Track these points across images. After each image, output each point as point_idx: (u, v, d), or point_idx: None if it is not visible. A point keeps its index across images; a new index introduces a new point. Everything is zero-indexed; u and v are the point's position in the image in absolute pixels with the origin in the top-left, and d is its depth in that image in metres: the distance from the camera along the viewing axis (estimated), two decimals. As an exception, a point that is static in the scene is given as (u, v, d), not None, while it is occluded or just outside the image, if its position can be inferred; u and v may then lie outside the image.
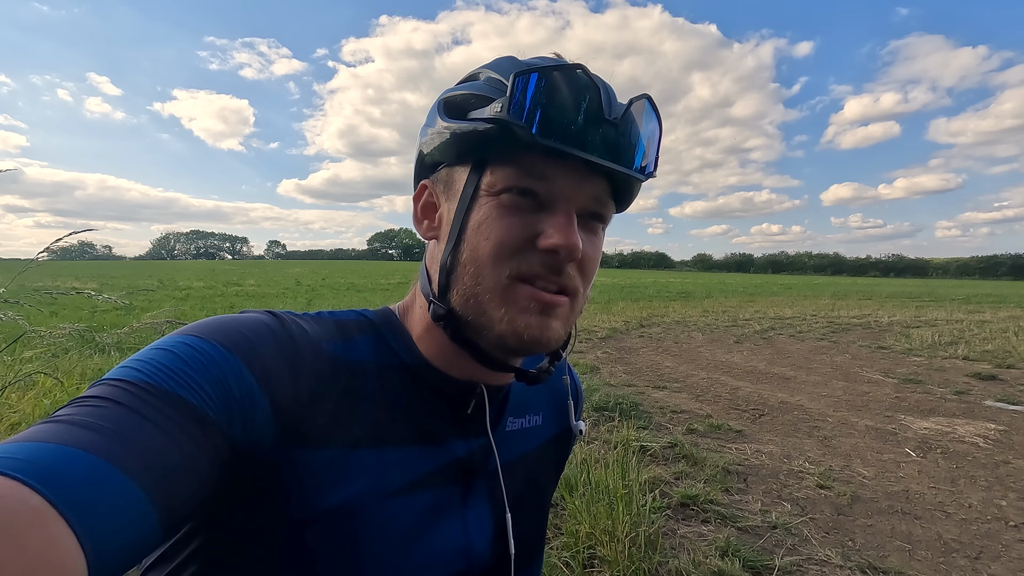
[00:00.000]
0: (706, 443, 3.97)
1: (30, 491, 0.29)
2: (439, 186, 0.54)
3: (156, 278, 28.10)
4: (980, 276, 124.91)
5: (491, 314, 0.48)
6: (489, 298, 0.48)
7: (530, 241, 0.48)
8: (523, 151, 0.47)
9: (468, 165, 0.50)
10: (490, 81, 0.51)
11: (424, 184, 0.56)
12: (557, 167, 0.47)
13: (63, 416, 0.35)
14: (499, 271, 0.48)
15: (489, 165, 0.49)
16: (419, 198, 0.57)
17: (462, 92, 0.51)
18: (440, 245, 0.52)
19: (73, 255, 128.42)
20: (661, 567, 2.30)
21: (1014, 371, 6.76)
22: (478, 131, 0.48)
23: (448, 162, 0.52)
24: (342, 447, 0.47)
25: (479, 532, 0.55)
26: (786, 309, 15.33)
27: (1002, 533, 2.76)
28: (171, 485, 0.35)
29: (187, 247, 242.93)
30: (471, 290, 0.49)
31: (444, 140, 0.51)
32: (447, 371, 0.54)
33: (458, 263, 0.49)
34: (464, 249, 0.49)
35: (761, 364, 7.18)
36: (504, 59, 0.53)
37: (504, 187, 0.48)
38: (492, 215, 0.48)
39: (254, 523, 0.44)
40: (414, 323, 0.56)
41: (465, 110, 0.50)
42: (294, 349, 0.47)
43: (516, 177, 0.48)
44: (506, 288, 0.48)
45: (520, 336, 0.48)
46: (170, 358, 0.41)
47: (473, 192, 0.49)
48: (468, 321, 0.50)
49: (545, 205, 0.48)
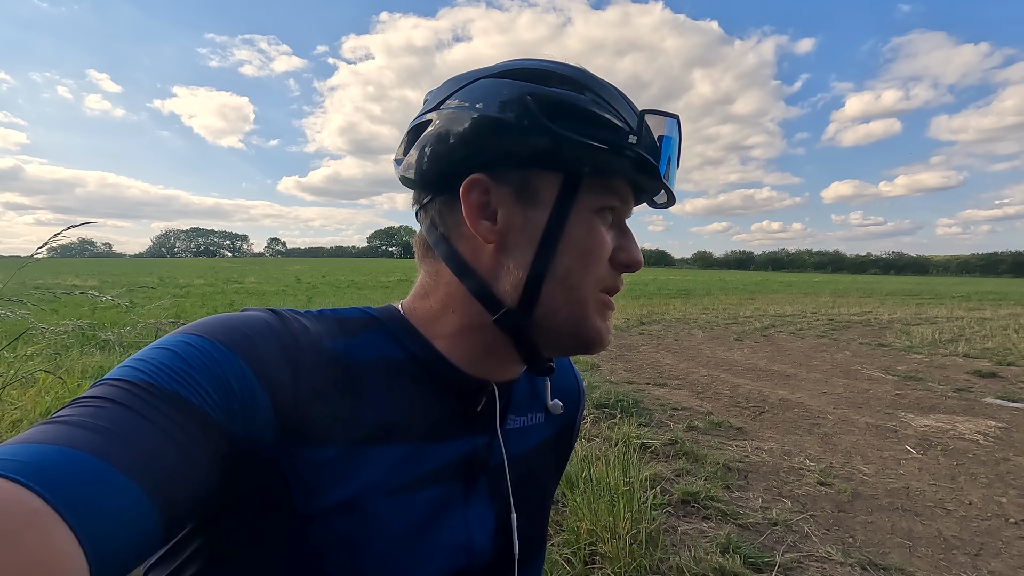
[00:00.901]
0: (707, 440, 3.97)
1: (30, 493, 0.29)
2: (507, 187, 0.51)
3: (156, 275, 28.12)
4: (980, 274, 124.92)
5: (581, 323, 0.52)
6: (582, 308, 0.52)
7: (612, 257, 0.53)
8: (621, 175, 0.52)
9: (558, 175, 0.50)
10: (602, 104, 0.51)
11: (481, 180, 0.51)
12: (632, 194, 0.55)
13: (63, 417, 0.35)
14: (597, 284, 0.52)
15: (583, 180, 0.51)
16: (471, 191, 0.51)
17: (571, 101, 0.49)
18: (510, 253, 0.51)
19: (73, 252, 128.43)
20: (662, 564, 2.31)
21: (1014, 368, 6.77)
22: (593, 147, 0.49)
23: (523, 164, 0.50)
24: (344, 445, 0.47)
25: (480, 529, 0.55)
26: (786, 307, 15.33)
27: (1002, 530, 2.76)
28: (172, 485, 0.35)
29: (187, 245, 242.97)
30: (565, 300, 0.51)
31: (541, 142, 0.48)
32: (465, 369, 0.54)
33: (549, 274, 0.51)
34: (560, 262, 0.51)
35: (761, 361, 7.18)
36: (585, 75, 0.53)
37: (603, 205, 0.52)
38: (595, 232, 0.52)
39: (257, 522, 0.44)
40: (438, 324, 0.54)
41: (576, 120, 0.49)
42: (296, 347, 0.47)
43: (612, 198, 0.53)
44: (596, 299, 0.53)
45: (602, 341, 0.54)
46: (171, 357, 0.40)
47: (570, 204, 0.51)
48: (548, 329, 0.52)
49: (618, 223, 0.55)
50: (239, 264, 61.67)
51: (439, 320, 0.54)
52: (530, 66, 0.52)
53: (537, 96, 0.49)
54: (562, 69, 0.52)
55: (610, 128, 0.49)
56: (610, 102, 0.51)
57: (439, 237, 0.54)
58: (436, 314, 0.55)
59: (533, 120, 0.48)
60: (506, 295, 0.51)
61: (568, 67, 0.53)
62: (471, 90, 0.52)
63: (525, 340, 0.52)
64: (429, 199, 0.56)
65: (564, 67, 0.53)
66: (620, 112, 0.51)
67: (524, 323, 0.51)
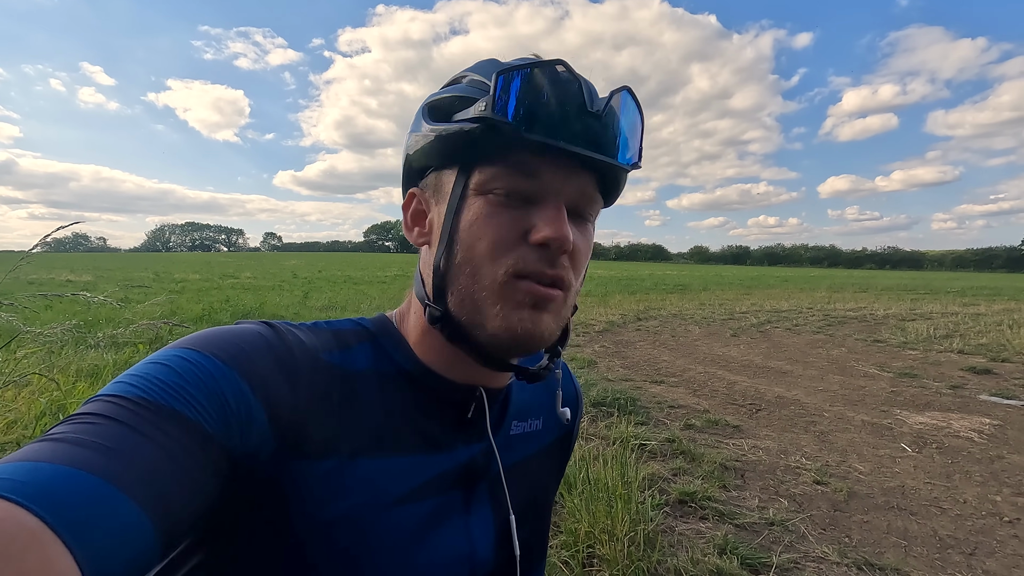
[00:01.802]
0: (704, 439, 3.99)
1: (26, 513, 0.28)
2: (428, 192, 0.54)
3: (151, 270, 28.00)
4: (975, 268, 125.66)
5: (486, 311, 0.48)
6: (486, 296, 0.48)
7: (522, 237, 0.48)
8: (509, 149, 0.47)
9: (455, 167, 0.51)
10: (473, 83, 0.51)
11: (412, 192, 0.56)
12: (543, 162, 0.48)
13: (58, 434, 0.35)
14: (495, 269, 0.48)
15: (476, 165, 0.49)
16: (408, 206, 0.57)
17: (446, 95, 0.52)
18: (432, 249, 0.52)
19: (67, 247, 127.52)
20: (660, 566, 2.31)
21: (1008, 365, 6.81)
22: (463, 132, 0.48)
23: (435, 166, 0.53)
24: (342, 457, 0.47)
25: (482, 537, 0.55)
26: (782, 302, 15.38)
27: (996, 529, 2.78)
28: (170, 502, 0.35)
29: (182, 239, 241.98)
30: (468, 289, 0.49)
31: (430, 144, 0.51)
32: (446, 375, 0.54)
33: (452, 265, 0.49)
34: (458, 251, 0.49)
35: (758, 358, 7.21)
36: (485, 62, 0.53)
37: (493, 186, 0.48)
38: (483, 213, 0.48)
39: (255, 536, 0.44)
40: (411, 329, 0.56)
41: (449, 113, 0.50)
42: (291, 360, 0.47)
43: (504, 175, 0.48)
44: (504, 285, 0.48)
45: (514, 331, 0.48)
46: (166, 372, 0.40)
47: (462, 193, 0.49)
48: (463, 321, 0.50)
49: (534, 200, 0.49)
50: (235, 259, 61.49)
51: (412, 325, 0.56)
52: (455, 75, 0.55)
53: (427, 103, 0.53)
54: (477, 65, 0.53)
55: (472, 104, 0.49)
56: (487, 77, 0.49)
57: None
58: (412, 319, 0.56)
59: (423, 126, 0.52)
60: (429, 290, 0.52)
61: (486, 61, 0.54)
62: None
63: (457, 335, 0.51)
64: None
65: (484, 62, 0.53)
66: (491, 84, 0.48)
67: (441, 315, 0.51)
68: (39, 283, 10.68)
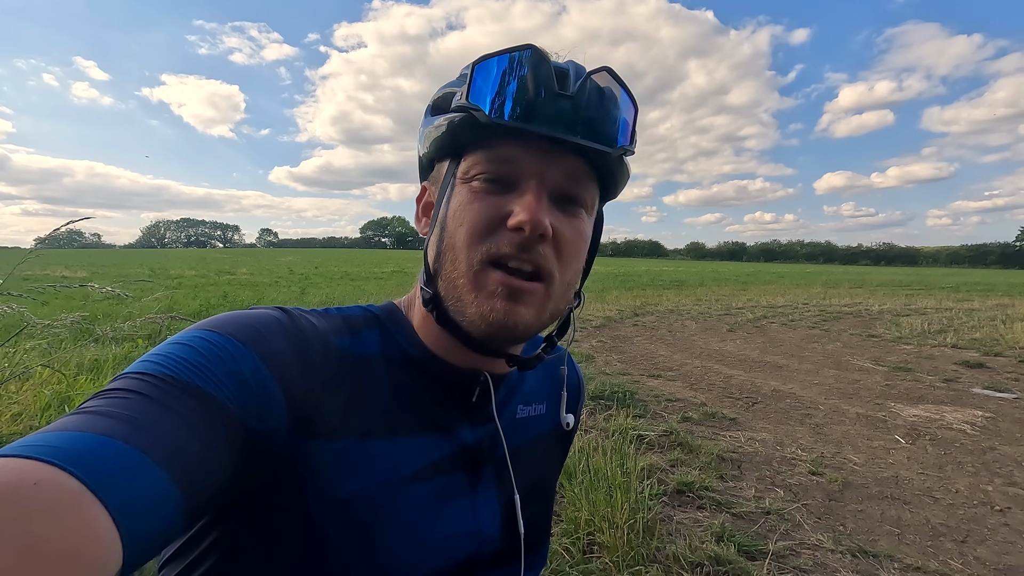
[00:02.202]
0: (701, 431, 4.03)
1: (68, 475, 0.30)
2: (434, 185, 0.57)
3: (147, 267, 27.85)
4: (969, 264, 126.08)
5: (464, 298, 0.49)
6: (463, 283, 0.49)
7: (500, 222, 0.49)
8: (488, 136, 0.49)
9: (448, 158, 0.54)
10: (462, 76, 0.52)
11: (424, 185, 0.60)
12: (520, 147, 0.48)
13: (90, 407, 0.36)
14: (471, 255, 0.49)
15: (464, 154, 0.51)
16: (421, 199, 0.61)
17: (443, 91, 0.54)
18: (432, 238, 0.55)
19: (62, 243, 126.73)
20: (659, 552, 2.35)
21: (1001, 359, 6.88)
22: (449, 123, 0.51)
23: (437, 158, 0.56)
24: (354, 438, 0.48)
25: (488, 517, 0.57)
26: (778, 297, 15.44)
27: (988, 517, 2.84)
28: (195, 473, 0.36)
29: (178, 235, 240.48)
30: (450, 275, 0.51)
31: (428, 138, 0.54)
32: (450, 360, 0.55)
33: (441, 250, 0.52)
34: (445, 236, 0.51)
35: (754, 352, 7.26)
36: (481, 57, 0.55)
37: (474, 173, 0.50)
38: (464, 200, 0.50)
39: (271, 514, 0.45)
40: (416, 315, 0.58)
41: (444, 107, 0.53)
42: (305, 344, 0.49)
43: (484, 162, 0.50)
44: (477, 272, 0.49)
45: (488, 320, 0.48)
46: (188, 351, 0.42)
47: (451, 182, 0.52)
48: (448, 306, 0.51)
49: (513, 186, 0.49)
50: (231, 255, 61.14)
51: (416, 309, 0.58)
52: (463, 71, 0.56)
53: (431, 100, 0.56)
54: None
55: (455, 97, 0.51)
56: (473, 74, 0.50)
57: None
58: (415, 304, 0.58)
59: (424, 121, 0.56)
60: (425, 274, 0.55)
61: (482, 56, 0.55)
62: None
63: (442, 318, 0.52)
64: None
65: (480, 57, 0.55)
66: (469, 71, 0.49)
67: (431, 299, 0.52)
68: (34, 279, 10.64)
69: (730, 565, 2.26)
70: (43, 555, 0.27)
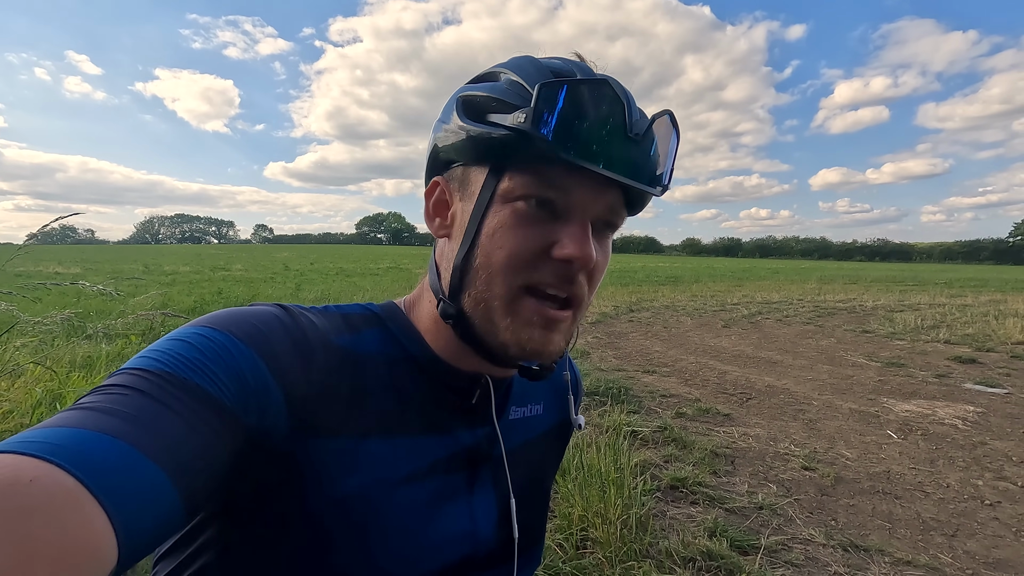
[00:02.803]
0: (695, 427, 4.05)
1: (65, 473, 0.30)
2: (453, 184, 0.54)
3: (141, 263, 27.71)
4: (963, 260, 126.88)
5: (497, 322, 0.49)
6: (497, 305, 0.49)
7: (544, 251, 0.48)
8: (544, 162, 0.47)
9: (485, 168, 0.50)
10: (513, 86, 0.49)
11: (437, 181, 0.55)
12: (575, 179, 0.47)
13: (87, 403, 0.36)
14: (509, 281, 0.48)
15: (507, 171, 0.49)
16: (431, 194, 0.56)
17: (482, 93, 0.50)
18: (452, 244, 0.53)
19: (55, 239, 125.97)
20: (652, 548, 2.37)
21: (993, 355, 6.93)
22: (498, 136, 0.48)
23: (464, 162, 0.52)
24: (352, 437, 0.48)
25: (485, 517, 0.57)
26: (773, 293, 15.49)
27: (978, 511, 2.86)
28: (192, 471, 0.36)
29: (172, 231, 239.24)
30: (482, 295, 0.50)
31: (461, 140, 0.51)
32: (454, 363, 0.55)
33: (471, 266, 0.50)
34: (478, 254, 0.50)
35: (748, 348, 7.29)
36: (524, 60, 0.52)
37: (521, 195, 0.48)
38: (508, 223, 0.48)
39: (268, 511, 0.45)
40: (422, 317, 0.57)
41: (483, 112, 0.50)
42: (305, 341, 0.48)
43: (534, 186, 0.48)
44: (514, 299, 0.49)
45: (522, 348, 0.49)
46: (187, 348, 0.41)
47: (490, 197, 0.49)
48: (475, 324, 0.51)
49: (560, 215, 0.48)
50: (226, 251, 60.92)
51: (423, 313, 0.57)
52: (494, 66, 0.54)
53: (460, 96, 0.52)
54: (512, 61, 0.53)
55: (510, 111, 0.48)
56: (527, 82, 0.48)
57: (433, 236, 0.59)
58: (423, 307, 0.57)
59: (455, 120, 0.51)
60: (444, 285, 0.53)
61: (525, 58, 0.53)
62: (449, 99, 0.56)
63: (467, 334, 0.52)
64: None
65: (520, 59, 0.53)
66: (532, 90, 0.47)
67: (454, 312, 0.52)
68: (27, 275, 10.58)
69: (722, 560, 2.28)
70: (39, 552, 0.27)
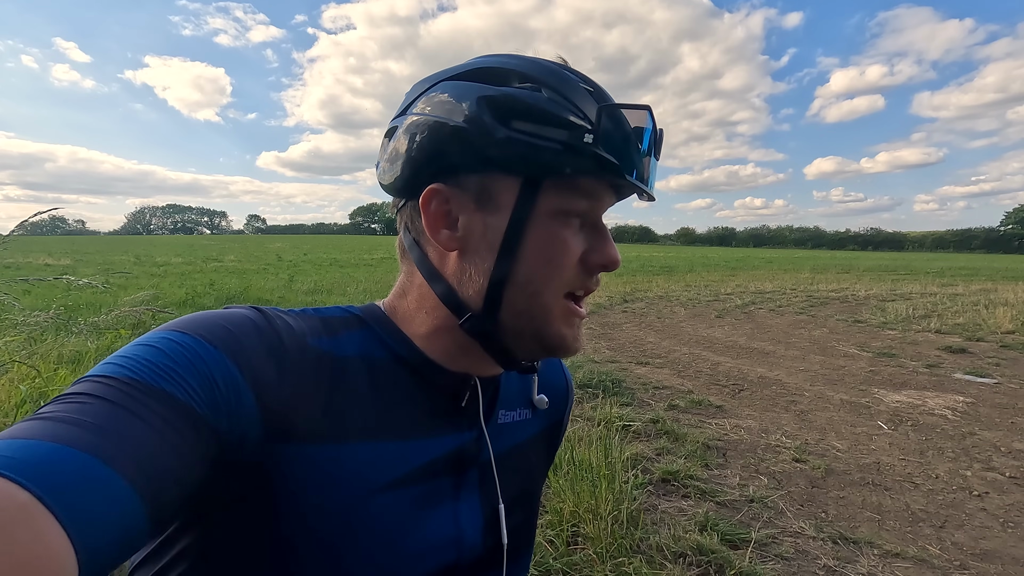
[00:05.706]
0: (687, 419, 4.06)
1: (17, 487, 0.28)
2: (467, 194, 0.50)
3: (132, 254, 27.49)
4: (955, 249, 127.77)
5: (544, 330, 0.51)
6: (545, 315, 0.51)
7: (583, 259, 0.51)
8: (588, 176, 0.49)
9: (515, 178, 0.49)
10: (555, 97, 0.48)
11: (437, 190, 0.50)
12: (608, 191, 0.52)
13: (48, 413, 0.35)
14: (559, 290, 0.51)
15: (546, 182, 0.49)
16: (428, 203, 0.51)
17: (512, 96, 0.48)
18: (472, 259, 0.51)
19: (44, 230, 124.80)
20: (643, 543, 2.37)
21: (983, 344, 6.99)
22: (546, 147, 0.47)
23: (480, 169, 0.49)
24: (330, 443, 0.47)
25: (470, 524, 0.56)
26: (767, 283, 15.57)
27: (966, 503, 2.89)
28: (159, 481, 0.35)
29: (163, 221, 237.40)
30: (530, 309, 0.51)
31: (486, 145, 0.47)
32: (443, 364, 0.54)
33: (510, 280, 0.50)
34: (521, 268, 0.49)
35: (741, 339, 7.32)
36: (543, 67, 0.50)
37: (569, 209, 0.50)
38: (558, 238, 0.50)
39: (243, 520, 0.44)
40: (414, 323, 0.55)
41: (509, 117, 0.47)
42: (280, 345, 0.47)
43: (579, 201, 0.50)
44: (562, 307, 0.52)
45: (567, 348, 0.53)
46: (155, 354, 0.40)
47: (529, 212, 0.49)
48: (513, 335, 0.52)
49: (592, 222, 0.52)
50: (218, 241, 60.51)
51: (415, 319, 0.55)
52: (491, 64, 0.51)
53: (489, 98, 0.48)
54: (524, 66, 0.50)
55: (566, 126, 0.47)
56: (570, 97, 0.48)
57: (412, 241, 0.56)
58: (412, 313, 0.55)
59: (485, 124, 0.47)
60: (470, 300, 0.52)
61: (532, 62, 0.51)
62: (432, 95, 0.51)
63: (494, 344, 0.53)
64: (402, 204, 0.57)
65: (527, 62, 0.51)
66: (581, 108, 0.48)
67: (489, 328, 0.51)
68: (16, 267, 10.46)
69: (713, 555, 2.29)
70: None
